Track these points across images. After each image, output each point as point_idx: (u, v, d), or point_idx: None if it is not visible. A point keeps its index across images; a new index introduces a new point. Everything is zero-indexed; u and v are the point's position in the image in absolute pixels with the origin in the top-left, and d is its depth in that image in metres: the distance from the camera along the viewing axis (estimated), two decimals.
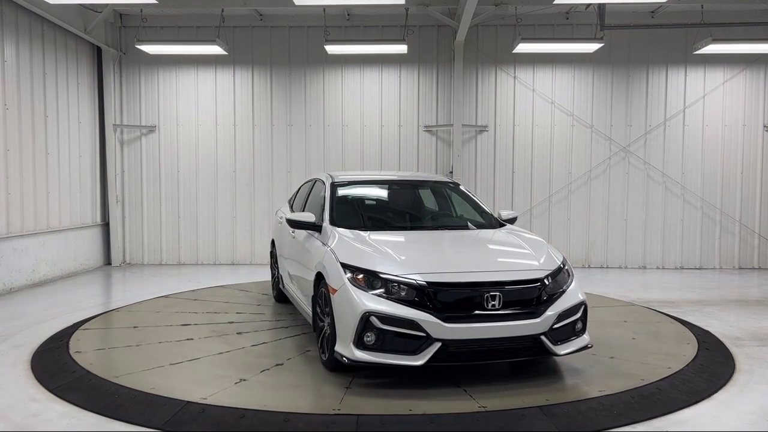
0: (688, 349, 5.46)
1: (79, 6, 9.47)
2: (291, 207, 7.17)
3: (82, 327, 6.12)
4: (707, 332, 6.10)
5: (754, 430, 3.79)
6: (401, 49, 9.68)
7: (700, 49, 9.66)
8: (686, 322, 6.52)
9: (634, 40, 10.57)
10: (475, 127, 10.72)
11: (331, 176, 6.12)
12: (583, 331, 4.67)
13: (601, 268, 10.70)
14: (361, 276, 4.38)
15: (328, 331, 4.64)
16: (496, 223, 5.78)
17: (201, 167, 10.91)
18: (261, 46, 10.78)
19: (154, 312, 6.81)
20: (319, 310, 4.95)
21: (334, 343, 4.47)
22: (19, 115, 8.55)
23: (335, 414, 3.93)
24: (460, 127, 10.45)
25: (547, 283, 4.47)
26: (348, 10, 10.07)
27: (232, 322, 6.30)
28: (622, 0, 9.15)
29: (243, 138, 10.88)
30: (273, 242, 7.54)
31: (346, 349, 4.28)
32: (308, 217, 5.45)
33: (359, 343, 4.21)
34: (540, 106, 10.72)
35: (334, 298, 4.46)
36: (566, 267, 4.79)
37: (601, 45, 9.48)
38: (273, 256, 7.52)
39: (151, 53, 10.22)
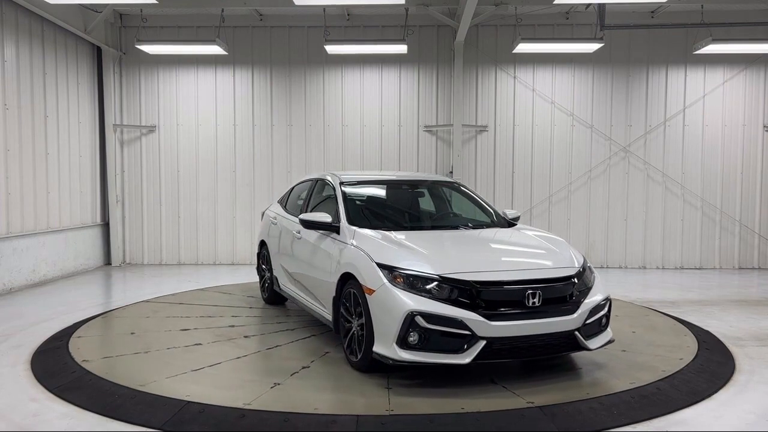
0: (689, 342, 5.62)
1: (79, 6, 9.47)
2: (284, 207, 6.99)
3: (78, 335, 5.80)
4: (707, 332, 6.10)
5: (754, 430, 3.79)
6: (401, 49, 9.68)
7: (700, 49, 9.66)
8: (686, 322, 6.51)
9: (634, 40, 10.57)
10: (475, 127, 10.72)
11: (338, 176, 6.04)
12: (606, 325, 4.81)
13: (601, 268, 10.69)
14: (399, 276, 4.37)
15: (360, 332, 4.63)
16: (505, 222, 5.86)
17: (201, 167, 10.91)
18: (261, 46, 10.78)
19: (143, 317, 6.57)
20: (344, 311, 4.89)
21: (369, 344, 4.45)
22: (19, 115, 8.55)
23: (336, 414, 3.92)
24: (460, 127, 10.45)
25: (577, 280, 4.62)
26: (348, 10, 10.07)
27: (233, 326, 6.18)
28: (622, 0, 9.16)
29: (243, 138, 10.88)
30: (262, 243, 7.30)
31: (389, 349, 4.26)
32: (324, 217, 5.37)
33: (403, 343, 4.21)
34: (540, 106, 10.72)
35: (372, 299, 4.42)
36: (589, 264, 4.95)
37: (601, 45, 9.48)
38: (262, 257, 7.30)
39: (151, 53, 10.22)
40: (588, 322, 4.51)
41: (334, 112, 10.84)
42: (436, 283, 4.30)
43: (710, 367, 4.95)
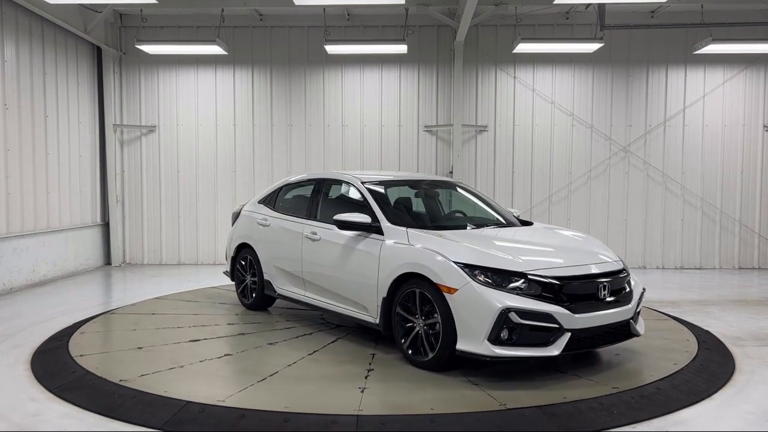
0: (689, 341, 5.71)
1: (79, 6, 9.46)
2: (274, 208, 6.68)
3: (80, 353, 5.15)
4: (707, 332, 6.10)
5: (754, 430, 3.79)
6: (401, 49, 9.68)
7: (700, 49, 9.66)
8: (686, 321, 6.52)
9: (634, 40, 10.57)
10: (475, 127, 10.72)
11: (357, 176, 5.93)
12: (639, 313, 5.10)
13: None
14: (482, 274, 4.45)
15: (429, 332, 4.69)
16: (518, 222, 6.04)
17: (201, 167, 10.91)
18: (261, 46, 10.78)
19: (129, 330, 5.98)
20: (403, 312, 4.88)
21: (450, 343, 4.49)
22: (19, 115, 8.55)
23: (335, 414, 3.92)
24: (460, 127, 10.45)
25: (627, 272, 5.01)
26: (348, 10, 10.07)
27: (244, 334, 5.86)
28: (622, 0, 9.16)
29: (243, 138, 10.88)
30: (242, 246, 6.92)
31: (480, 346, 4.33)
32: (361, 217, 5.30)
33: (495, 340, 4.30)
34: (540, 106, 10.72)
35: (454, 298, 4.46)
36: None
37: (601, 45, 9.48)
38: (243, 261, 6.92)
39: (151, 53, 10.22)
40: (637, 310, 4.90)
41: (334, 112, 10.83)
42: (522, 280, 4.43)
43: (710, 367, 4.95)
